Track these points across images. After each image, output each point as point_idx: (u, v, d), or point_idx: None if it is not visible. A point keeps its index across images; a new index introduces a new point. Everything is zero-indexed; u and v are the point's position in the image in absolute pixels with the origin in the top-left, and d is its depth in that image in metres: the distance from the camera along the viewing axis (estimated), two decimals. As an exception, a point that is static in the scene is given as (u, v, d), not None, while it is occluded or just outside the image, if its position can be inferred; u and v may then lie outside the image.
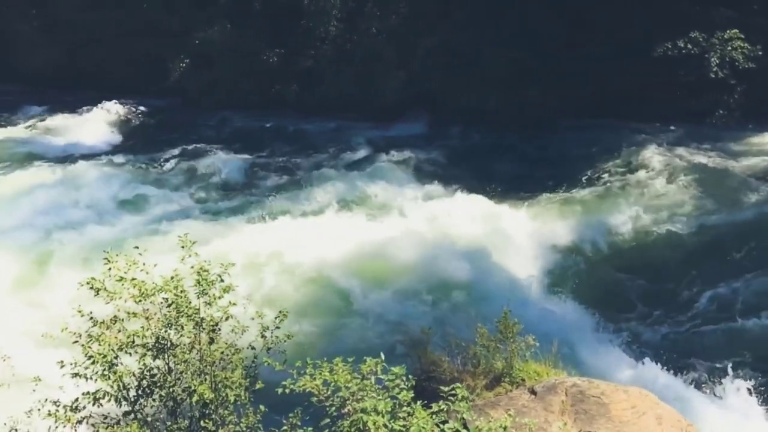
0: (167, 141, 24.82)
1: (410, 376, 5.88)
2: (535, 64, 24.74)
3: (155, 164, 22.51)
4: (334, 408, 5.80)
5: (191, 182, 21.34)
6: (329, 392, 5.89)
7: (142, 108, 28.39)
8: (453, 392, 5.62)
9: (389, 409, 5.45)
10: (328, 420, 5.81)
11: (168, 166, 22.44)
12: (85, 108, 27.73)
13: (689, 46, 24.02)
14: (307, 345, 12.33)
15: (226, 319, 7.69)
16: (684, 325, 14.10)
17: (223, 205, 19.05)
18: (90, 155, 23.49)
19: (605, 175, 20.77)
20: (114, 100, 28.28)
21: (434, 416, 5.49)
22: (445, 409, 5.53)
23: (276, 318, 8.04)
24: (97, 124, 26.42)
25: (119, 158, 22.81)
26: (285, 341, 7.91)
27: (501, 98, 25.00)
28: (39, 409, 7.29)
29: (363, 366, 5.98)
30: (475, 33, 25.74)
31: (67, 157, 23.36)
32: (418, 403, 5.63)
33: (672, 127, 23.48)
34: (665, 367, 12.08)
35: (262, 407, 7.55)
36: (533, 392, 8.51)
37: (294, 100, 27.65)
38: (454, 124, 25.21)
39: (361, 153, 23.92)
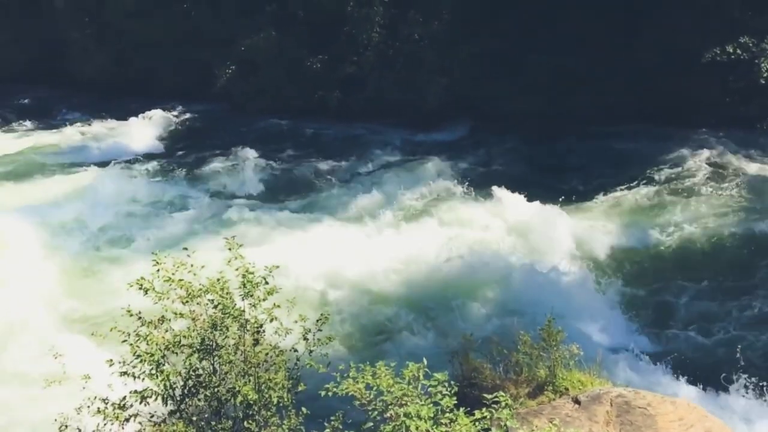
0: (213, 146, 25.26)
1: (452, 382, 5.85)
2: (580, 70, 24.43)
3: (201, 168, 22.92)
4: (376, 412, 5.80)
5: (236, 186, 21.64)
6: (372, 396, 5.89)
7: (188, 114, 28.98)
8: (496, 400, 5.57)
9: (432, 415, 5.43)
10: (370, 424, 5.81)
11: (213, 170, 22.82)
12: (133, 113, 28.40)
13: (739, 51, 23.45)
14: (348, 349, 12.38)
15: (271, 321, 7.78)
16: (730, 337, 13.69)
17: (267, 208, 19.24)
18: (138, 159, 24.06)
19: (651, 182, 20.38)
20: (162, 106, 28.92)
21: (477, 423, 5.45)
22: (488, 417, 5.49)
23: (318, 321, 8.10)
24: (145, 129, 27.05)
25: (166, 162, 23.31)
26: (327, 344, 7.97)
27: (544, 104, 24.75)
28: (88, 406, 7.47)
29: (405, 371, 5.97)
30: (519, 39, 25.57)
31: (116, 161, 23.94)
32: (461, 409, 5.60)
33: (720, 134, 22.92)
34: (712, 379, 11.75)
35: (304, 409, 7.60)
36: (577, 402, 8.38)
37: (336, 106, 27.86)
38: (496, 130, 25.04)
39: (402, 158, 23.95)
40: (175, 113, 28.78)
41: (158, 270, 7.74)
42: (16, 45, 34.41)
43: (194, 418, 7.45)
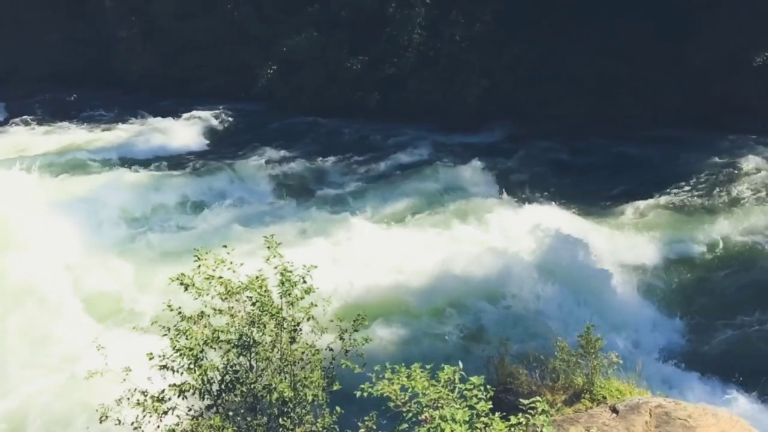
0: (253, 145, 25.54)
1: (489, 387, 5.79)
2: (625, 73, 24.05)
3: (241, 167, 23.16)
4: (411, 414, 5.78)
5: (276, 185, 21.86)
6: (407, 398, 5.87)
7: (230, 113, 29.36)
8: (533, 405, 5.50)
9: (467, 419, 5.39)
10: (405, 426, 5.80)
11: (253, 169, 23.06)
12: (177, 112, 28.92)
13: (794, 53, 22.79)
14: (383, 350, 12.38)
15: (308, 320, 7.84)
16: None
17: (306, 208, 19.39)
18: (181, 158, 24.48)
19: (697, 189, 19.90)
20: (204, 106, 29.39)
21: (512, 429, 5.39)
22: (523, 423, 5.42)
23: (354, 321, 8.13)
24: (188, 128, 27.51)
25: (208, 161, 23.64)
26: (363, 345, 7.99)
27: (588, 107, 24.44)
28: (128, 398, 7.61)
29: (441, 374, 5.94)
30: (563, 40, 25.30)
31: (159, 159, 24.41)
32: (496, 414, 5.54)
33: (769, 141, 22.31)
34: (756, 392, 11.43)
35: (338, 408, 7.63)
36: (615, 411, 8.22)
37: (375, 107, 27.94)
38: (538, 132, 24.80)
39: (441, 160, 23.85)
40: (217, 112, 29.19)
41: (199, 266, 7.87)
42: (65, 44, 35.32)
43: (230, 413, 7.55)
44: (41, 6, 35.47)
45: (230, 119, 28.99)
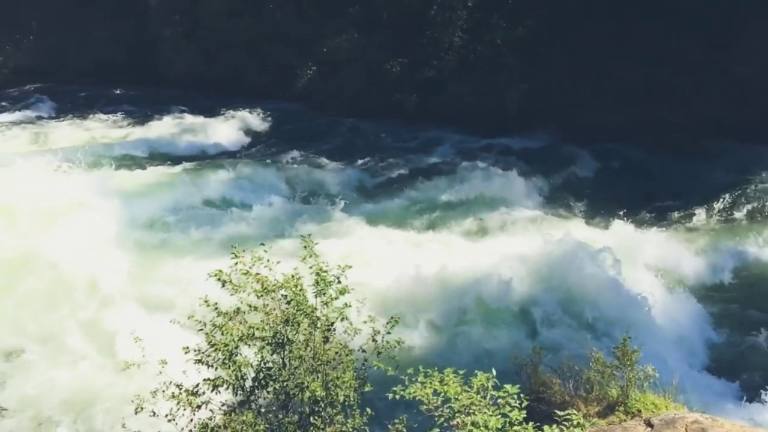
0: (291, 145, 25.75)
1: (523, 396, 5.74)
2: (669, 81, 23.59)
3: (279, 167, 23.40)
4: (443, 419, 5.76)
5: (312, 185, 21.99)
6: (439, 402, 5.85)
7: (270, 112, 29.66)
8: (568, 417, 5.44)
9: (500, 426, 5.35)
10: (437, 430, 5.78)
11: (291, 169, 23.27)
12: (218, 111, 29.33)
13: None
14: (416, 353, 12.37)
15: (341, 320, 7.88)
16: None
17: (341, 209, 19.46)
18: (221, 156, 24.82)
19: (744, 202, 19.36)
20: (245, 105, 29.75)
21: (546, 439, 5.33)
22: (557, 434, 5.36)
23: (387, 323, 8.14)
24: (228, 126, 27.89)
25: (247, 159, 23.94)
26: (395, 347, 7.98)
27: (630, 115, 24.04)
28: (163, 391, 7.73)
29: (474, 380, 5.90)
30: (605, 47, 24.95)
31: (199, 157, 24.80)
32: (530, 424, 5.49)
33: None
34: (798, 412, 11.09)
35: (369, 410, 7.64)
36: (650, 425, 8.07)
37: (414, 109, 27.93)
38: (578, 139, 24.47)
39: (479, 164, 23.70)
40: (258, 112, 29.52)
41: (236, 263, 7.97)
42: (110, 41, 36.12)
43: (263, 410, 7.62)
44: (89, 4, 36.34)
45: (269, 118, 29.28)
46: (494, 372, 5.96)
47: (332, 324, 7.96)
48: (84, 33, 36.10)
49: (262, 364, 7.73)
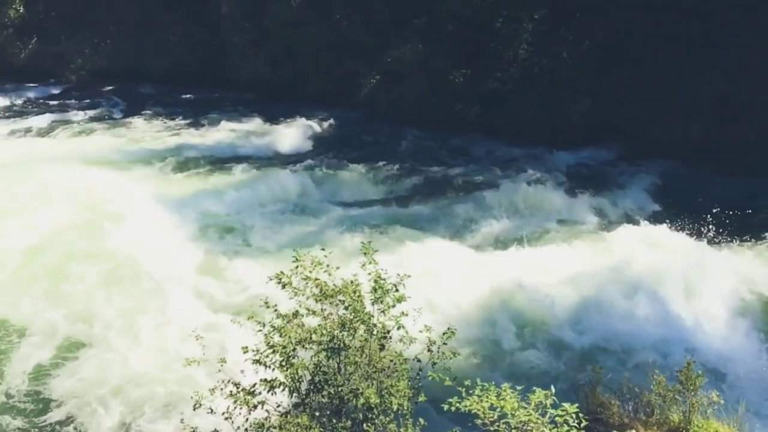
0: (353, 152, 25.98)
1: (582, 416, 5.61)
2: (742, 99, 22.75)
3: (341, 174, 23.63)
4: (498, 434, 5.69)
5: (372, 192, 22.13)
6: (495, 417, 5.79)
7: (332, 120, 30.02)
8: (628, 439, 5.29)
9: (557, 445, 5.25)
10: (491, 445, 5.72)
11: (352, 176, 23.47)
12: (283, 117, 29.88)
13: None
14: (470, 366, 12.25)
15: (398, 328, 7.88)
16: None
17: (400, 218, 19.50)
18: (284, 160, 25.18)
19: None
20: (309, 111, 30.20)
21: (605, 461, 5.21)
22: (617, 456, 5.22)
23: (444, 334, 8.10)
24: (293, 132, 28.34)
25: (309, 165, 24.19)
26: (451, 358, 7.94)
27: (699, 133, 23.30)
28: (221, 389, 7.90)
29: (532, 396, 5.82)
30: (677, 62, 24.30)
31: (263, 161, 25.27)
32: (588, 444, 5.37)
33: None
34: None
35: (421, 420, 7.61)
36: (713, 454, 7.77)
37: (475, 120, 27.79)
38: (644, 155, 23.86)
39: (540, 177, 23.41)
40: (321, 118, 29.91)
41: (297, 267, 8.08)
42: (183, 46, 37.24)
43: (317, 414, 7.68)
44: (165, 10, 37.60)
45: (332, 125, 29.64)
46: (553, 389, 5.85)
47: (389, 332, 7.97)
48: (158, 37, 37.34)
49: (318, 368, 7.80)
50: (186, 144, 26.89)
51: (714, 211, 17.92)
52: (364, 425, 7.57)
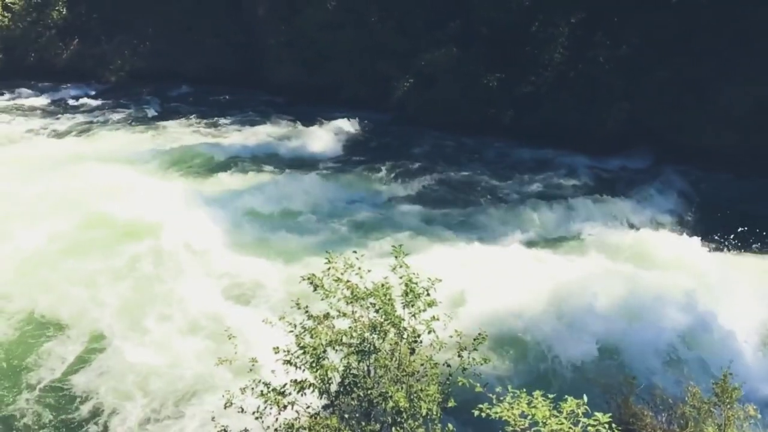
0: (385, 155, 26.04)
1: (615, 426, 5.52)
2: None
3: (373, 176, 23.73)
4: (529, 442, 5.63)
5: (403, 196, 22.11)
6: (526, 425, 5.72)
7: (365, 122, 30.11)
8: (661, 451, 5.19)
9: (589, 455, 5.17)
10: (522, 453, 5.66)
11: (383, 178, 23.53)
12: (316, 119, 30.08)
13: None
14: (502, 371, 12.16)
15: (429, 332, 7.85)
16: None
17: (431, 221, 19.46)
18: (317, 162, 25.35)
19: None
20: (343, 114, 30.33)
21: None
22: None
23: (475, 340, 8.04)
24: (326, 134, 28.52)
25: (342, 167, 24.37)
26: (481, 364, 7.88)
27: (738, 140, 22.79)
28: (252, 389, 7.95)
29: (564, 405, 5.74)
30: (714, 66, 23.81)
31: (296, 162, 25.46)
32: (620, 455, 5.27)
33: None
34: None
35: (450, 426, 7.56)
36: (750, 469, 7.58)
37: (509, 125, 27.60)
38: (681, 162, 23.44)
39: (574, 183, 23.17)
40: (353, 121, 30.02)
41: (329, 268, 8.11)
42: (220, 48, 37.71)
43: (346, 416, 7.69)
44: (203, 13, 38.16)
45: (365, 128, 29.74)
46: (585, 398, 5.77)
47: (419, 336, 7.95)
48: (195, 40, 37.88)
49: (348, 370, 7.80)
50: (220, 144, 27.25)
51: (749, 221, 17.53)
52: (393, 429, 7.55)
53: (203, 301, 14.68)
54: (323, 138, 28.03)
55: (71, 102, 35.52)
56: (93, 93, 37.25)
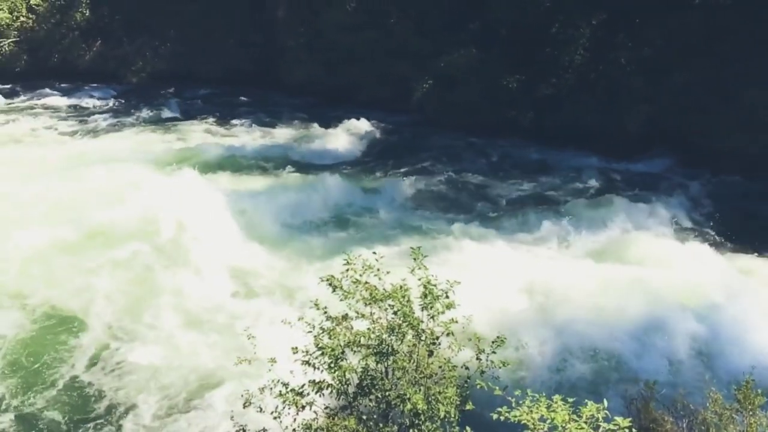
0: (403, 156, 26.06)
1: (634, 431, 5.48)
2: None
3: (391, 178, 23.75)
4: (548, 446, 5.60)
5: (421, 198, 22.09)
6: (545, 429, 5.69)
7: (384, 124, 30.14)
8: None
9: (609, 460, 5.13)
10: (541, 457, 5.63)
11: (402, 179, 23.53)
12: (335, 120, 30.16)
13: None
14: (520, 375, 12.11)
15: (447, 335, 7.85)
16: None
17: (450, 223, 19.40)
18: (336, 163, 25.41)
19: None
20: (362, 115, 30.37)
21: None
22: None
23: (493, 343, 8.02)
24: (345, 135, 28.58)
25: (360, 169, 24.41)
26: (500, 367, 7.85)
27: (766, 143, 22.44)
28: (271, 389, 8.00)
29: (584, 409, 5.69)
30: (738, 68, 23.49)
31: (316, 163, 25.53)
32: (640, 460, 5.23)
33: None
34: None
35: (468, 429, 7.53)
36: (772, 477, 7.47)
37: (528, 126, 27.49)
38: (704, 166, 23.15)
39: (593, 185, 23.01)
40: (372, 122, 30.04)
41: (347, 270, 8.13)
42: (238, 49, 37.94)
43: (364, 417, 7.70)
44: (222, 15, 38.43)
45: (383, 130, 29.76)
46: (605, 403, 5.73)
47: (438, 338, 7.94)
48: (215, 41, 38.15)
49: (366, 372, 7.82)
50: (237, 145, 27.43)
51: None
52: (411, 431, 7.56)
53: (215, 298, 14.82)
54: (341, 139, 28.11)
55: (93, 102, 35.97)
56: (114, 94, 37.68)
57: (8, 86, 38.45)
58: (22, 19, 40.70)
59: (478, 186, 23.18)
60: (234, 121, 31.56)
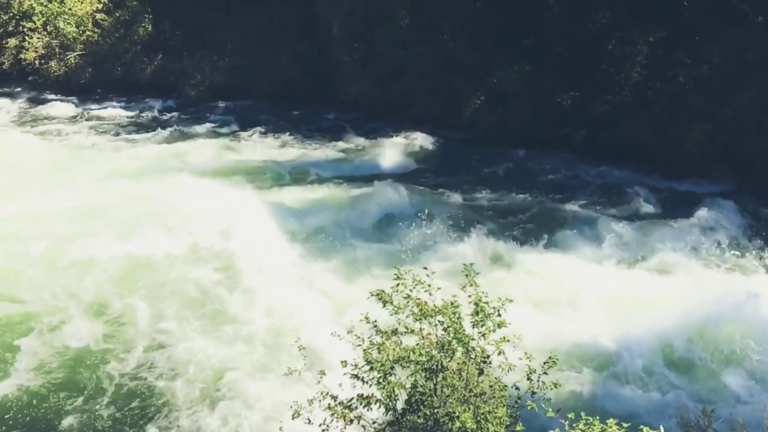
0: (454, 172, 25.99)
1: (694, 461, 5.30)
2: None
3: (441, 192, 23.72)
4: (602, 472, 5.46)
5: (473, 213, 21.93)
6: (599, 453, 5.56)
7: (435, 139, 30.14)
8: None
9: (665, 490, 4.96)
10: (594, 483, 5.49)
11: (452, 195, 23.47)
12: (388, 135, 30.37)
13: None
14: (568, 397, 11.85)
15: (498, 354, 7.76)
16: None
17: (500, 241, 19.20)
18: (387, 178, 25.44)
19: None
20: (413, 130, 30.48)
21: None
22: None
23: (545, 364, 7.90)
24: (396, 150, 28.70)
25: (411, 184, 24.38)
26: (551, 389, 7.72)
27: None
28: (320, 401, 8.04)
29: (639, 435, 5.55)
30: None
31: (367, 178, 25.64)
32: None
33: None
34: None
35: (518, 450, 7.42)
36: None
37: (582, 144, 27.08)
38: (764, 188, 22.38)
39: (648, 204, 22.48)
40: (424, 138, 30.08)
41: (398, 284, 8.14)
42: (293, 64, 38.53)
43: (411, 434, 7.67)
44: (278, 31, 39.15)
45: (435, 145, 29.76)
46: (662, 429, 5.56)
47: (488, 356, 7.87)
48: (271, 56, 38.83)
49: (415, 388, 7.79)
50: (294, 160, 27.86)
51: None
52: (459, 449, 7.47)
53: (270, 311, 14.98)
54: (393, 154, 28.22)
55: (154, 115, 37.08)
56: (173, 106, 38.74)
57: (73, 98, 39.99)
58: (87, 33, 42.31)
59: (528, 203, 22.92)
60: (289, 136, 32.04)
